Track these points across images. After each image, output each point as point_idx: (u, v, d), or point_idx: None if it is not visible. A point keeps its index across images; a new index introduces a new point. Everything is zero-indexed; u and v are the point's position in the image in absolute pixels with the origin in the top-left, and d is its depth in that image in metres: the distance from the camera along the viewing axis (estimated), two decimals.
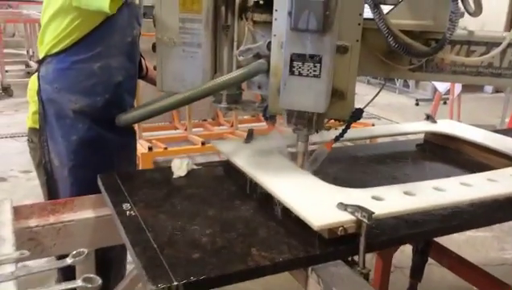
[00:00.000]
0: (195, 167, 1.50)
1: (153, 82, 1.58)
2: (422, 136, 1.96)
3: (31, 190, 3.41)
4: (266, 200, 1.25)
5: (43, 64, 1.51)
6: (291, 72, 1.15)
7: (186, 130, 4.78)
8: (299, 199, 1.17)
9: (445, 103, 6.73)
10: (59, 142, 1.52)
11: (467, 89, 8.10)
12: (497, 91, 9.04)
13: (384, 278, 2.15)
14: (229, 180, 1.44)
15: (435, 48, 1.26)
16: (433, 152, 1.83)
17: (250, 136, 1.61)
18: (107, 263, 1.53)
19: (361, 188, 1.25)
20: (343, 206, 1.11)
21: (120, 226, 1.13)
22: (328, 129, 1.37)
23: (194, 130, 4.91)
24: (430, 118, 2.00)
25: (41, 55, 1.52)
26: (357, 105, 1.34)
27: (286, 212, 1.17)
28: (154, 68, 1.43)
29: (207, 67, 1.38)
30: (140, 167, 3.96)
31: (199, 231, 1.12)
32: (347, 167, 1.63)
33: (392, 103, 8.16)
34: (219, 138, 4.95)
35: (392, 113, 7.34)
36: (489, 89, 9.29)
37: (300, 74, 1.15)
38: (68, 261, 1.02)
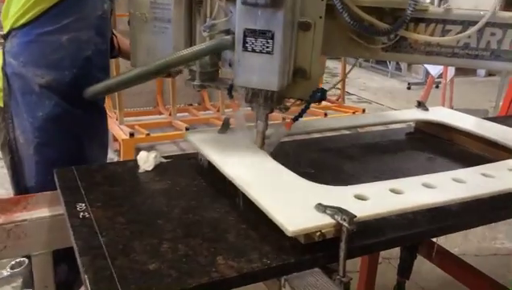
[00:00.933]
0: (163, 160, 1.37)
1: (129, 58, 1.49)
2: (412, 124, 1.85)
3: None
4: (239, 199, 1.13)
5: (9, 38, 1.43)
6: (245, 49, 1.12)
7: (170, 115, 4.64)
8: (274, 199, 1.05)
9: (437, 87, 6.65)
10: (24, 118, 1.45)
11: (460, 72, 8.01)
12: (489, 74, 8.97)
13: (371, 271, 2.05)
14: (201, 176, 1.31)
15: (395, 26, 1.19)
16: (424, 142, 1.71)
17: (226, 126, 1.47)
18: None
19: (343, 185, 1.14)
20: (322, 208, 0.99)
21: (70, 230, 1.00)
22: (287, 108, 1.31)
23: (179, 115, 4.76)
24: (421, 105, 1.88)
25: (6, 30, 1.43)
26: (349, 89, 1.25)
27: (260, 213, 1.04)
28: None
29: (178, 43, 1.33)
30: (121, 154, 3.83)
31: (160, 236, 1.00)
32: (330, 159, 1.51)
33: (384, 87, 8.06)
34: (205, 123, 4.81)
35: (384, 98, 7.24)
36: (482, 72, 9.21)
37: (254, 50, 1.11)
38: (5, 273, 0.89)
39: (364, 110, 5.24)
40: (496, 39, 1.23)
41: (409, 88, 8.06)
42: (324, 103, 5.87)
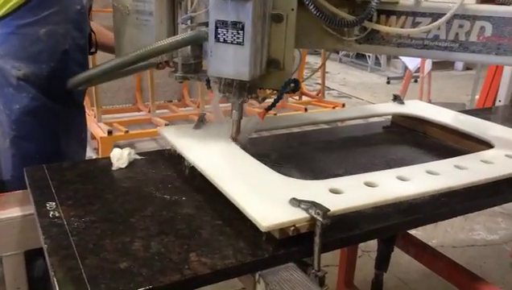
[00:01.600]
0: (138, 157, 1.35)
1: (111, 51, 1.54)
2: (389, 118, 1.86)
3: None
4: (214, 195, 1.12)
5: None
6: (217, 40, 1.14)
7: (149, 112, 4.60)
8: (248, 195, 1.04)
9: (416, 81, 6.71)
10: (1, 110, 1.43)
11: (437, 66, 8.12)
12: (467, 68, 9.11)
13: (350, 264, 2.06)
14: (176, 172, 1.30)
15: (360, 18, 1.22)
16: (400, 136, 1.72)
17: (201, 121, 1.46)
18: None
19: (318, 180, 1.13)
20: (296, 202, 0.99)
21: (39, 230, 0.98)
22: (264, 98, 1.34)
23: (158, 111, 4.73)
24: (397, 98, 1.89)
25: None
26: (330, 84, 1.26)
27: (235, 208, 1.03)
28: None
29: (160, 35, 1.35)
30: (100, 152, 3.78)
31: (132, 234, 0.98)
32: (307, 153, 1.51)
33: (364, 82, 8.12)
34: (185, 119, 4.78)
35: (363, 92, 7.29)
36: (459, 66, 9.35)
37: (225, 41, 1.13)
38: None
39: (344, 105, 5.27)
40: (464, 31, 1.25)
41: (388, 82, 8.13)
42: (304, 98, 5.89)
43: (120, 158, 1.30)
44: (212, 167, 1.17)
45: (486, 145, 1.45)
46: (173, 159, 1.35)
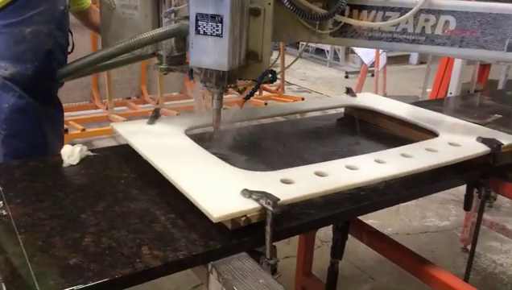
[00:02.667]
0: (90, 153, 1.33)
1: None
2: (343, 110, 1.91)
3: None
4: (168, 189, 1.12)
5: None
6: (197, 32, 1.18)
7: (107, 109, 4.51)
8: (201, 187, 1.05)
9: (373, 75, 6.87)
10: None
11: (393, 60, 8.33)
12: (421, 62, 9.39)
13: (308, 254, 2.11)
14: (129, 167, 1.29)
15: (331, 12, 1.29)
16: (352, 127, 1.77)
17: (155, 116, 1.46)
18: None
19: (270, 171, 1.16)
20: (248, 193, 1.01)
21: None
22: (243, 89, 1.38)
23: (116, 109, 4.65)
24: (350, 91, 1.94)
25: None
26: (289, 79, 1.31)
27: (188, 201, 1.04)
28: None
29: (144, 29, 1.38)
30: None
31: (82, 230, 0.97)
32: (262, 145, 1.53)
33: (323, 76, 8.23)
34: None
35: (323, 87, 7.40)
36: (414, 60, 9.62)
37: (205, 33, 1.17)
38: None
39: (303, 99, 5.35)
40: (430, 25, 1.31)
41: (346, 76, 8.28)
42: (264, 93, 5.93)
43: (71, 155, 1.28)
44: (165, 162, 1.17)
45: (432, 134, 1.52)
46: (127, 154, 1.34)
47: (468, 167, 1.37)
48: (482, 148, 1.37)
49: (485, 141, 1.40)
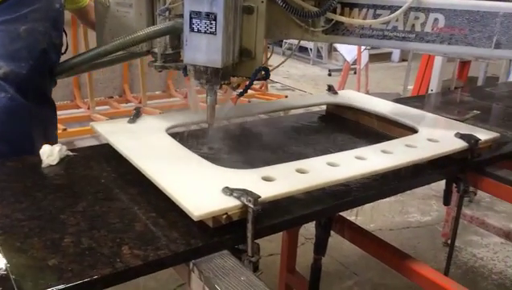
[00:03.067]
0: (69, 153, 1.31)
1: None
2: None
3: None
4: (149, 188, 1.11)
5: None
6: (191, 29, 1.19)
7: (89, 108, 4.46)
8: (182, 186, 1.05)
9: (356, 73, 6.92)
10: None
11: (375, 58, 8.41)
12: (403, 60, 9.49)
13: (291, 252, 2.12)
14: (110, 167, 1.28)
15: (322, 9, 1.31)
16: (333, 124, 1.78)
17: (136, 115, 1.45)
18: None
19: (252, 169, 1.16)
20: (229, 191, 1.01)
21: None
22: (237, 86, 1.41)
23: (98, 108, 4.60)
24: (331, 89, 1.95)
25: None
26: (273, 77, 1.33)
27: (169, 200, 1.04)
28: None
29: (139, 27, 1.39)
30: None
31: (62, 231, 0.96)
32: (244, 143, 1.54)
33: (306, 74, 8.27)
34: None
35: (306, 85, 7.44)
36: (396, 57, 9.73)
37: (199, 31, 1.19)
38: None
39: (286, 97, 5.36)
40: (419, 22, 1.33)
41: (330, 74, 8.33)
42: (248, 91, 5.93)
43: (50, 154, 1.27)
44: (146, 160, 1.17)
45: (412, 130, 1.54)
46: (107, 154, 1.33)
47: (446, 163, 1.39)
48: (460, 144, 1.39)
49: (463, 137, 1.42)
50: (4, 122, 1.42)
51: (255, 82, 1.44)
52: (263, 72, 1.33)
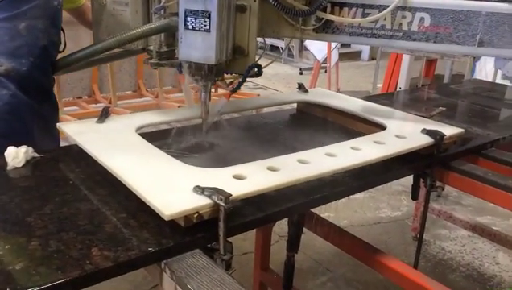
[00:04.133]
0: (36, 155, 1.28)
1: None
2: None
3: None
4: (119, 189, 1.10)
5: None
6: (186, 27, 1.23)
7: None
8: (151, 184, 1.04)
9: (326, 72, 7.00)
10: None
11: (346, 57, 8.52)
12: (372, 58, 9.65)
13: (264, 250, 2.13)
14: (78, 168, 1.25)
15: (312, 8, 1.35)
16: (304, 122, 1.80)
17: (104, 115, 1.43)
18: None
19: (222, 167, 1.16)
20: (200, 189, 1.00)
21: None
22: (230, 83, 1.44)
23: (67, 109, 4.51)
24: (301, 87, 1.97)
25: None
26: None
27: (140, 200, 1.03)
28: None
29: (135, 25, 1.42)
30: None
31: (29, 234, 0.94)
32: (214, 142, 1.53)
33: (278, 73, 8.31)
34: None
35: (278, 83, 7.48)
36: (365, 56, 9.89)
37: (194, 28, 1.22)
38: None
39: (258, 96, 5.37)
40: (406, 21, 1.38)
41: (301, 73, 8.41)
42: (220, 90, 5.92)
43: (16, 157, 1.23)
44: (115, 160, 1.15)
45: (380, 127, 1.57)
46: (76, 155, 1.31)
47: (414, 158, 1.43)
48: (426, 139, 1.43)
49: (429, 133, 1.46)
50: (7, 119, 1.44)
51: (228, 82, 1.45)
52: (256, 69, 1.36)
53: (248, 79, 1.47)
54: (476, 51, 1.34)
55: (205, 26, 1.21)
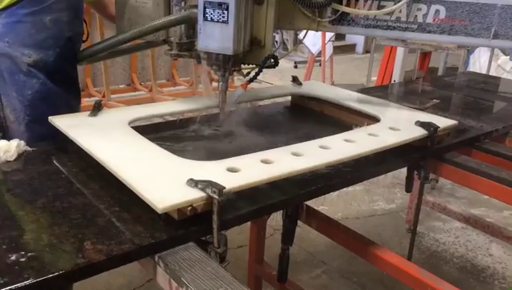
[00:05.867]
0: (28, 148, 1.27)
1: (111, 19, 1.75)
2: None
3: None
4: (112, 182, 1.09)
5: None
6: (205, 18, 1.28)
7: None
8: (145, 178, 1.03)
9: (321, 65, 6.99)
10: (13, 97, 1.50)
11: (340, 50, 8.51)
12: (367, 51, 9.65)
13: (259, 243, 2.13)
14: (71, 161, 1.25)
15: (329, 0, 1.39)
16: (298, 115, 1.80)
17: (97, 109, 1.42)
18: None
19: (216, 160, 1.15)
20: (193, 182, 1.00)
21: None
22: (247, 73, 1.47)
23: None
24: (296, 80, 1.96)
25: None
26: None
27: (133, 194, 1.02)
28: None
29: (156, 16, 1.47)
30: None
31: (21, 228, 0.93)
32: (209, 135, 1.53)
33: None
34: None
35: (273, 77, 7.43)
36: (360, 49, 9.88)
37: (212, 20, 1.27)
38: None
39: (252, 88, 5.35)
40: (422, 14, 1.39)
41: (296, 66, 8.39)
42: (214, 84, 5.90)
43: (8, 150, 1.22)
44: (108, 154, 1.14)
45: (374, 119, 1.57)
46: (68, 148, 1.30)
47: (408, 150, 1.43)
48: (420, 132, 1.43)
49: (422, 125, 1.46)
50: (39, 106, 1.50)
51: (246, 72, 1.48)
52: (272, 60, 1.40)
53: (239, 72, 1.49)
54: (491, 44, 1.35)
55: (223, 17, 1.25)
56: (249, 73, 1.45)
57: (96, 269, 0.86)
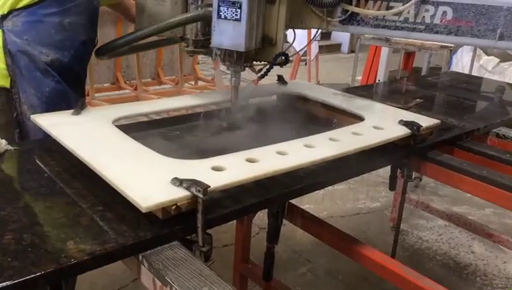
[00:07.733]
0: (10, 147, 1.26)
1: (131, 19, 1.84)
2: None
3: None
4: (95, 182, 1.08)
5: (9, 17, 1.50)
6: (219, 16, 1.34)
7: None
8: (128, 176, 1.03)
9: (306, 64, 7.01)
10: (31, 93, 1.54)
11: (326, 49, 8.55)
12: (352, 51, 9.71)
13: (245, 242, 2.13)
14: (53, 160, 1.23)
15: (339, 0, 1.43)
16: (282, 114, 1.80)
17: (80, 107, 1.40)
18: None
19: (201, 159, 1.15)
20: (178, 181, 1.00)
21: None
22: (259, 70, 1.52)
23: None
24: (281, 79, 1.97)
25: (5, 10, 1.50)
26: (226, 69, 1.48)
27: (117, 193, 1.01)
28: None
29: (174, 14, 1.52)
30: None
31: (2, 228, 0.92)
32: (194, 134, 1.53)
33: None
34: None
35: None
36: (345, 49, 9.94)
37: (226, 18, 1.33)
38: None
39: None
40: (429, 15, 1.41)
41: (281, 66, 8.40)
42: (200, 83, 5.88)
43: None
44: (91, 153, 1.13)
45: (358, 118, 1.58)
46: (51, 147, 1.28)
47: (391, 149, 1.44)
48: (403, 131, 1.45)
49: (406, 124, 1.47)
50: (57, 102, 1.55)
51: (207, 74, 1.48)
52: (283, 58, 1.44)
53: (228, 72, 1.49)
54: (497, 45, 1.37)
55: (236, 15, 1.31)
56: (261, 70, 1.50)
57: (79, 269, 0.85)
